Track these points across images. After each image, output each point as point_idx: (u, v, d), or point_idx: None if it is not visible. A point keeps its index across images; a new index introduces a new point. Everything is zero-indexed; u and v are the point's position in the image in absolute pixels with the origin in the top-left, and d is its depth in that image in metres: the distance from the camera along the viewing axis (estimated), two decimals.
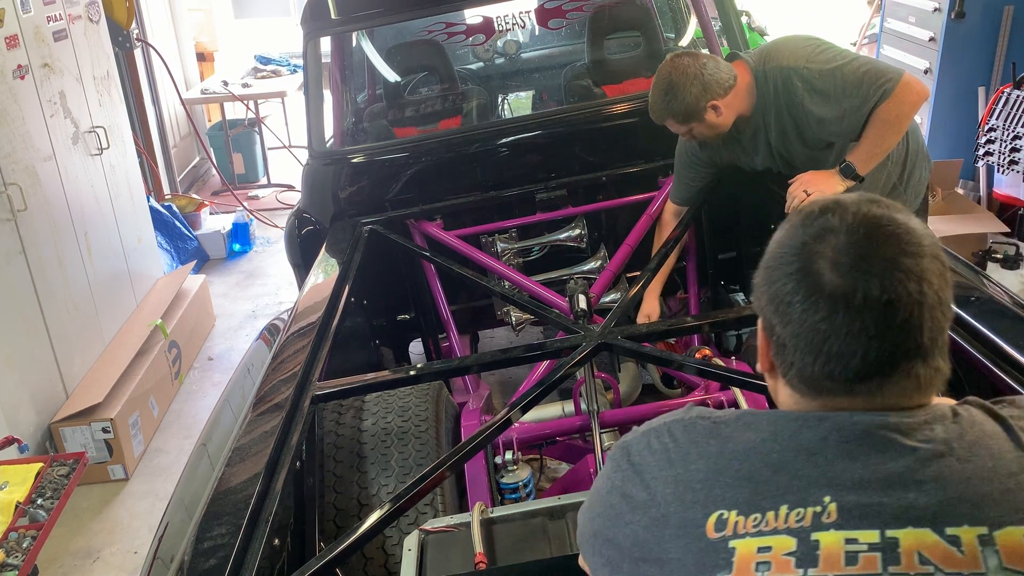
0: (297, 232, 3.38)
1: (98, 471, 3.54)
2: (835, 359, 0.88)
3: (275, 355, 2.25)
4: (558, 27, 4.32)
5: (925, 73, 4.89)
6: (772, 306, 0.93)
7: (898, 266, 0.87)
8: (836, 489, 0.86)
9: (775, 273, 0.93)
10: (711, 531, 0.89)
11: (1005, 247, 4.31)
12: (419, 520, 1.87)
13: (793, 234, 0.93)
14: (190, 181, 7.01)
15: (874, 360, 0.88)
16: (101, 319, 3.97)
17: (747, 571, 0.86)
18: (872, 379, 0.89)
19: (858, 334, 0.87)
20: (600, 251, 3.26)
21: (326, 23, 3.26)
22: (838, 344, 0.88)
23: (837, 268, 0.88)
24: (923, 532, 0.83)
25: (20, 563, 2.20)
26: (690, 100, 2.45)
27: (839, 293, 0.87)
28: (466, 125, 3.58)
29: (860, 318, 0.87)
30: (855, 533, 0.84)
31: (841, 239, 0.89)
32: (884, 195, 2.85)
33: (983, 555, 0.81)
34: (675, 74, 2.47)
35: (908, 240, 0.89)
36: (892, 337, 0.87)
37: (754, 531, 0.87)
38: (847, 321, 0.87)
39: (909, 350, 0.88)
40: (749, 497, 0.89)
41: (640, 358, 2.66)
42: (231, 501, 1.60)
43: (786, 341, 0.92)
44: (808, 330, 0.89)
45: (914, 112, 2.44)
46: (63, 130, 3.83)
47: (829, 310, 0.88)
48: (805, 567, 0.84)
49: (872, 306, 0.86)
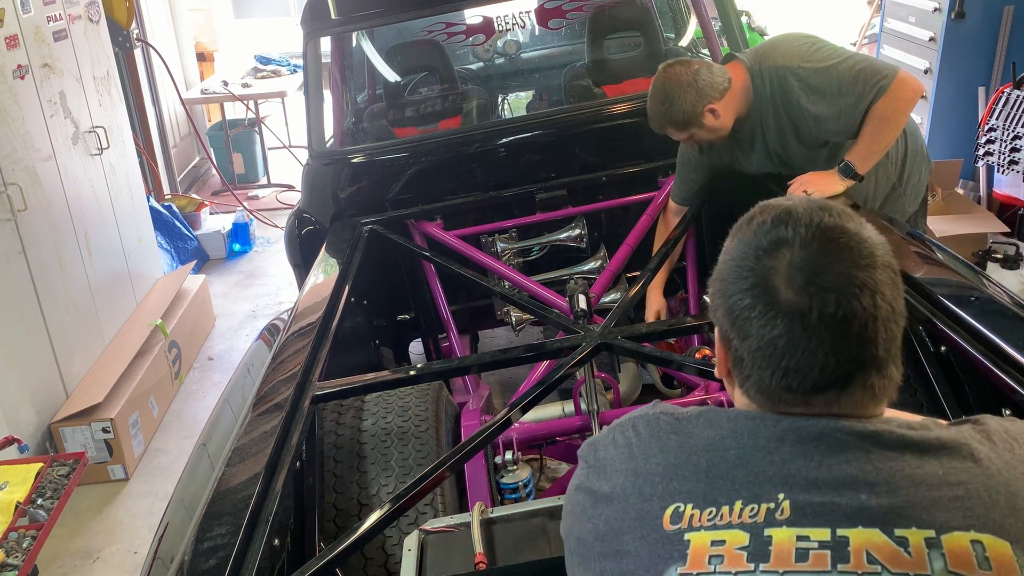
0: (297, 232, 3.38)
1: (98, 471, 3.54)
2: (793, 373, 0.90)
3: (275, 355, 2.25)
4: (558, 27, 4.32)
5: (925, 73, 4.89)
6: (728, 319, 0.94)
7: (852, 280, 0.88)
8: (790, 487, 0.88)
9: (731, 287, 0.94)
10: (667, 523, 0.91)
11: (1005, 247, 4.31)
12: (419, 520, 1.86)
13: (746, 247, 0.94)
14: (190, 181, 7.01)
15: (831, 373, 0.89)
16: (101, 319, 3.97)
17: (700, 563, 0.88)
18: (829, 391, 0.91)
19: (815, 349, 0.89)
20: (600, 251, 3.26)
21: (326, 23, 3.26)
22: (796, 359, 0.89)
23: (792, 284, 0.89)
24: (872, 532, 0.85)
25: (20, 563, 2.20)
26: (687, 107, 2.47)
27: (795, 310, 0.88)
28: (466, 125, 3.58)
29: (817, 334, 0.88)
30: (807, 531, 0.86)
31: (795, 253, 0.90)
32: (883, 195, 2.84)
33: (929, 557, 0.83)
34: (669, 83, 2.49)
35: (861, 252, 0.90)
36: (848, 351, 0.89)
37: (708, 524, 0.89)
38: (804, 337, 0.88)
39: (864, 362, 0.90)
40: (705, 491, 0.91)
41: (640, 358, 2.67)
42: (231, 501, 1.60)
43: (744, 355, 0.94)
44: (766, 345, 0.91)
45: (910, 108, 2.44)
46: (63, 130, 3.83)
47: (786, 327, 0.89)
48: (757, 561, 0.86)
49: (828, 322, 0.88)
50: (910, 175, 2.71)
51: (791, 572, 0.85)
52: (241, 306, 5.17)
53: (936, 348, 1.86)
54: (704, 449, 0.94)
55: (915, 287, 1.95)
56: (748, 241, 0.95)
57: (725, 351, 0.98)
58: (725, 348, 0.98)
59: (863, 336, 0.88)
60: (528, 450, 2.33)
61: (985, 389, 1.72)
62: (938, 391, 1.81)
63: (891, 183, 2.68)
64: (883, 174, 2.64)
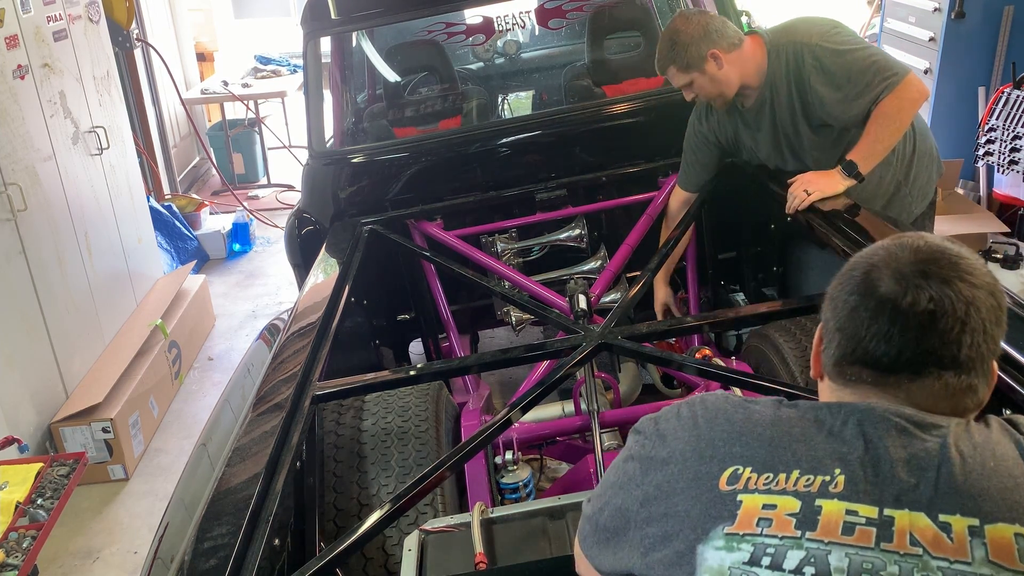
0: (297, 232, 3.38)
1: (98, 471, 3.54)
2: (871, 351, 0.95)
3: (275, 355, 2.25)
4: (558, 27, 4.32)
5: (925, 73, 4.89)
6: (831, 305, 1.01)
7: (952, 286, 0.93)
8: (847, 464, 0.92)
9: (842, 280, 1.02)
10: (723, 484, 0.94)
11: (1005, 247, 4.31)
12: (419, 520, 1.86)
13: (865, 255, 1.02)
14: (190, 181, 7.01)
15: (907, 360, 0.94)
16: (101, 319, 3.97)
17: (749, 524, 0.91)
18: (901, 374, 0.95)
19: (898, 333, 0.93)
20: (600, 251, 3.26)
21: (326, 23, 3.26)
22: (875, 338, 0.95)
23: (895, 277, 0.96)
24: (918, 516, 0.87)
25: (20, 563, 2.20)
26: (692, 47, 2.51)
27: (890, 296, 0.95)
28: (466, 125, 3.58)
29: (902, 318, 0.94)
30: (856, 506, 0.89)
31: (906, 256, 0.97)
32: (888, 195, 2.84)
33: (971, 545, 0.85)
34: (679, 22, 2.56)
35: (968, 270, 0.95)
36: (928, 343, 0.93)
37: (764, 488, 0.92)
38: (890, 320, 0.94)
39: (943, 358, 0.93)
40: (766, 458, 0.95)
41: (640, 358, 2.66)
42: (231, 501, 1.60)
43: (833, 332, 1.00)
44: (854, 323, 0.97)
45: (914, 109, 2.46)
46: (63, 130, 3.83)
47: (876, 309, 0.95)
48: (804, 529, 0.89)
49: (916, 311, 0.93)
50: (917, 175, 2.70)
51: (835, 543, 0.87)
52: (241, 306, 5.17)
53: None
54: (771, 423, 0.99)
55: None
56: (867, 252, 1.02)
57: (820, 338, 1.04)
58: (822, 335, 1.03)
59: (947, 335, 0.93)
60: (528, 450, 2.33)
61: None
62: None
63: (896, 182, 2.66)
64: (888, 173, 2.63)
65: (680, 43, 2.53)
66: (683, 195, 2.97)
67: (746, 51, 2.54)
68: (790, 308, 2.29)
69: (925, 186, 2.74)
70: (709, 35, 2.50)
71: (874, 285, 0.96)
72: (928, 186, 2.75)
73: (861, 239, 2.24)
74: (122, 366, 3.79)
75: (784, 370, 2.34)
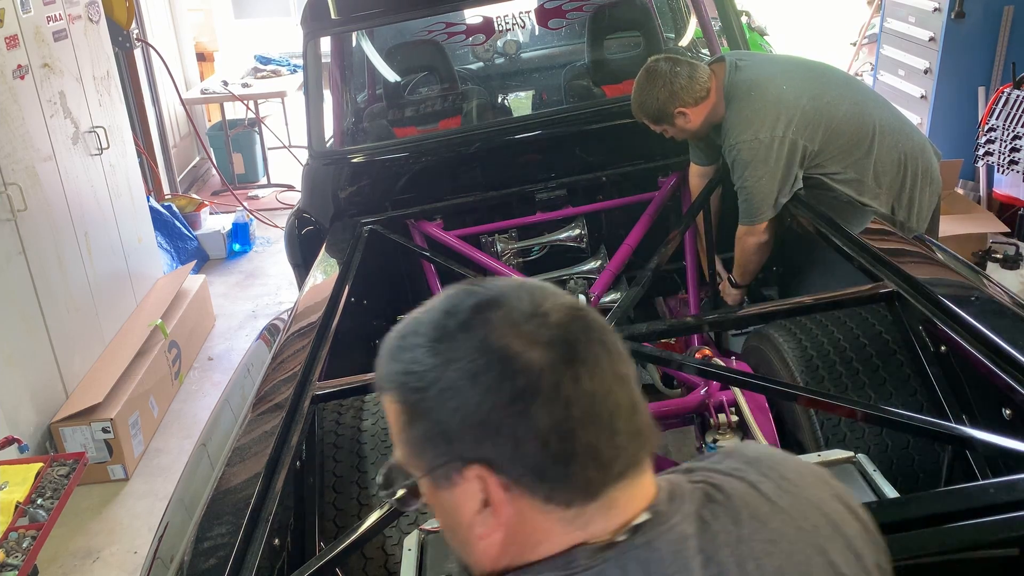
0: (297, 232, 3.38)
1: (98, 471, 3.54)
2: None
3: (275, 355, 2.25)
4: (558, 27, 4.32)
5: (925, 73, 4.89)
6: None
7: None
8: None
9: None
10: None
11: (1005, 247, 4.31)
12: (419, 520, 1.86)
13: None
14: (190, 181, 7.01)
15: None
16: (101, 319, 3.97)
17: None
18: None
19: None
20: (600, 251, 3.26)
21: (326, 23, 3.25)
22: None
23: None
24: None
25: (20, 563, 2.20)
26: (659, 106, 2.63)
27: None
28: (466, 125, 3.58)
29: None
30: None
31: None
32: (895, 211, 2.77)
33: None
34: (647, 77, 2.64)
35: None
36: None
37: None
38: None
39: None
40: None
41: (640, 358, 2.66)
42: (231, 501, 1.60)
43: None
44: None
45: (748, 250, 2.75)
46: (63, 130, 3.83)
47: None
48: None
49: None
50: (910, 202, 2.70)
51: None
52: (241, 306, 5.17)
53: (936, 348, 1.85)
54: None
55: (915, 287, 1.95)
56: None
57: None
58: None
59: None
60: None
61: (985, 389, 1.72)
62: (938, 391, 1.81)
63: (890, 205, 2.68)
64: (884, 206, 2.66)
65: (647, 105, 2.65)
66: (699, 169, 3.00)
67: (712, 97, 2.63)
68: (790, 308, 2.29)
69: (921, 210, 2.76)
70: (675, 95, 2.59)
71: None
72: (925, 210, 2.77)
73: (861, 239, 2.26)
74: (122, 366, 3.79)
75: (784, 370, 2.34)
